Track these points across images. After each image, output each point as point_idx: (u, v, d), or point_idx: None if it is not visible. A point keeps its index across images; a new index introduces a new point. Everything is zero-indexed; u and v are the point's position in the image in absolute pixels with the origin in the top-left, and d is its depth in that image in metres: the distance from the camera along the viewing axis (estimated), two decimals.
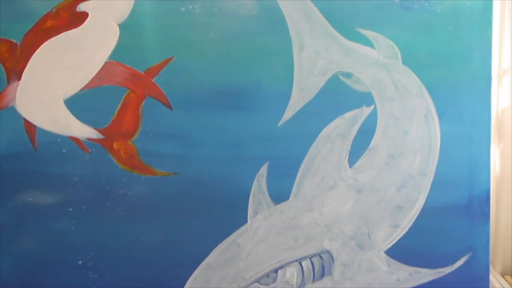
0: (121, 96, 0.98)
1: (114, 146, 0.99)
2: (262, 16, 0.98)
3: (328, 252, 1.03)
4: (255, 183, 1.01)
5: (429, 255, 1.04)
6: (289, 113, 1.00)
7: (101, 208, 1.00)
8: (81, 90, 0.97)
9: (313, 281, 1.04)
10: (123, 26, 0.96)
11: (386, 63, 1.01)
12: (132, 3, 0.95)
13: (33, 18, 0.95)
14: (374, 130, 1.02)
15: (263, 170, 1.01)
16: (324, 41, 0.99)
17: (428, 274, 1.04)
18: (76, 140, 0.99)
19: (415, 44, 1.00)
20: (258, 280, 1.03)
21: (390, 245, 1.04)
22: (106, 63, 0.97)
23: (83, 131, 0.98)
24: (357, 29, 0.99)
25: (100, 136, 0.99)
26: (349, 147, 1.02)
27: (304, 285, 1.04)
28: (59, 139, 0.99)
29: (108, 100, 0.98)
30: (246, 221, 1.02)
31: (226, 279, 1.02)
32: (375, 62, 1.01)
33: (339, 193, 1.02)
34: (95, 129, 0.99)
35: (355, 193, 1.03)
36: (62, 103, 0.97)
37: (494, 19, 1.02)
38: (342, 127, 1.01)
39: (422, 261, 1.04)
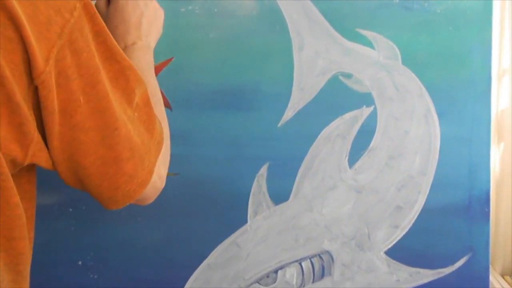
0: None
1: None
2: (262, 17, 0.98)
3: (328, 252, 1.03)
4: (255, 184, 1.01)
5: (429, 256, 1.04)
6: (289, 114, 1.00)
7: (101, 208, 1.00)
8: None
9: (313, 281, 1.04)
10: None
11: (386, 64, 1.01)
12: None
13: None
14: (374, 131, 1.02)
15: (263, 170, 1.01)
16: (324, 41, 0.99)
17: (428, 275, 1.04)
18: None
19: (415, 45, 1.00)
20: (258, 281, 1.03)
21: (390, 246, 1.04)
22: None
23: None
24: (357, 29, 0.99)
25: None
26: (349, 148, 1.02)
27: (304, 285, 1.04)
28: None
29: None
30: (246, 222, 1.02)
31: (226, 280, 1.02)
32: (375, 63, 1.00)
33: (339, 194, 1.02)
34: None
35: (355, 193, 1.03)
36: None
37: (494, 19, 1.02)
38: (342, 128, 1.01)
39: (422, 261, 1.04)
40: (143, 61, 0.78)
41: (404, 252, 1.03)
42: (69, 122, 0.51)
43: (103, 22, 0.56)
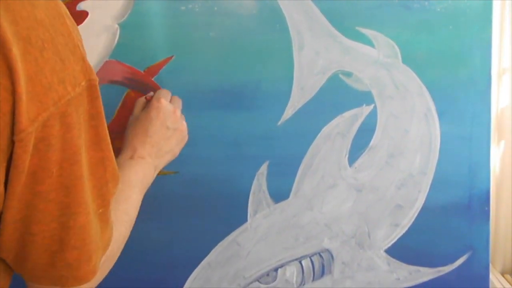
0: (121, 95, 0.98)
1: (114, 146, 0.99)
2: (262, 16, 0.98)
3: (328, 251, 1.03)
4: (255, 182, 1.01)
5: (429, 254, 1.04)
6: (289, 112, 1.00)
7: None
8: None
9: (313, 280, 1.04)
10: (123, 25, 0.96)
11: (386, 62, 1.01)
12: (132, 2, 0.95)
13: None
14: (374, 129, 1.02)
15: (263, 169, 1.01)
16: (324, 40, 0.99)
17: (428, 273, 1.04)
18: None
19: (415, 43, 1.00)
20: (258, 279, 1.03)
21: (390, 244, 1.04)
22: (105, 62, 0.97)
23: None
24: (357, 28, 0.99)
25: None
26: (349, 146, 1.02)
27: (304, 284, 1.04)
28: None
29: (108, 99, 0.97)
30: (246, 220, 1.02)
31: (226, 278, 1.02)
32: (375, 61, 1.01)
33: (339, 192, 1.02)
34: None
35: (355, 192, 1.03)
36: None
37: (494, 18, 1.02)
38: (342, 126, 1.01)
39: (422, 260, 1.04)
40: (141, 176, 0.79)
41: (404, 251, 1.03)
42: (33, 187, 0.50)
43: (102, 108, 0.56)
